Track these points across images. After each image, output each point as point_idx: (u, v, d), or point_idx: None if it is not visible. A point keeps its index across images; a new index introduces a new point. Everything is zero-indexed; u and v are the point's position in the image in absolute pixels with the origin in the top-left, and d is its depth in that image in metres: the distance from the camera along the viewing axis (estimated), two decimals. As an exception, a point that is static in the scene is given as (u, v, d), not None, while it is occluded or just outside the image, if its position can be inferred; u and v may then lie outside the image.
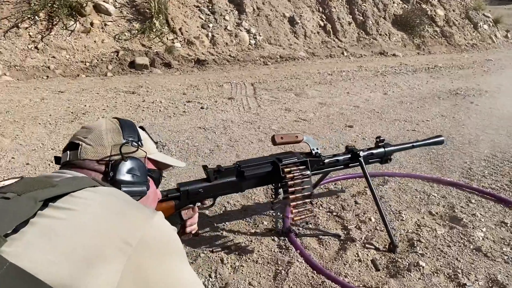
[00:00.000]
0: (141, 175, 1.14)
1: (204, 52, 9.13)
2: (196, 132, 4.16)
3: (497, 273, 1.94)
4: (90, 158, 1.08)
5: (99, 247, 0.76)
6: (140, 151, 1.17)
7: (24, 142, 3.64)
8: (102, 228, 0.80)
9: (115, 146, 1.11)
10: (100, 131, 1.12)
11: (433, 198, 2.73)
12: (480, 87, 7.03)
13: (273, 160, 2.02)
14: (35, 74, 7.23)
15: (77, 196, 0.86)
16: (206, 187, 1.84)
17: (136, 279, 0.79)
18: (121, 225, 0.82)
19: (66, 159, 1.10)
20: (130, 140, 1.14)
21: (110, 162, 1.09)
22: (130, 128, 1.19)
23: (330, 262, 2.02)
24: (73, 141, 1.12)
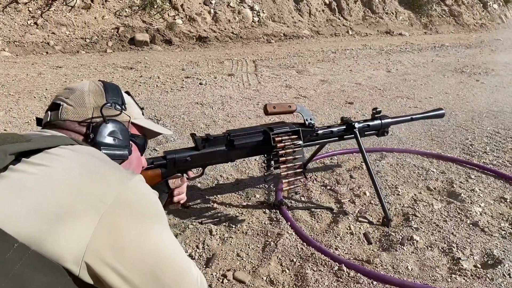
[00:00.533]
0: (123, 139, 1.10)
1: (206, 29, 9.00)
2: (193, 108, 4.09)
3: (493, 248, 1.88)
4: (71, 119, 1.04)
5: (71, 203, 0.73)
6: (124, 115, 1.12)
7: (17, 115, 3.59)
8: (75, 185, 0.76)
9: (97, 108, 1.06)
10: (82, 92, 1.08)
11: (431, 173, 2.66)
12: (487, 66, 6.88)
13: (264, 129, 1.95)
14: (34, 50, 7.16)
15: (52, 153, 0.82)
16: (194, 155, 1.78)
17: (110, 238, 0.75)
18: (96, 183, 0.79)
19: (47, 120, 1.06)
20: (113, 103, 1.10)
21: (91, 124, 1.05)
22: (114, 91, 1.14)
23: (321, 235, 1.97)
24: (55, 101, 1.08)
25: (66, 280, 0.71)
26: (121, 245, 0.76)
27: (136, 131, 1.19)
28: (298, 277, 1.67)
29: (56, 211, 0.71)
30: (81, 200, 0.74)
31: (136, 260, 0.79)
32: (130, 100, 1.21)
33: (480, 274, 1.71)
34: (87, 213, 0.73)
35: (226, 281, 1.65)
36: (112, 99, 1.10)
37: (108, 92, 1.11)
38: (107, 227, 0.75)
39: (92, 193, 0.76)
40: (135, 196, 0.83)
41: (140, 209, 0.82)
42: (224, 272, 1.70)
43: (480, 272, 1.72)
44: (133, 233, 0.79)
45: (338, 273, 1.68)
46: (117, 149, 1.07)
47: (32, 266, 0.67)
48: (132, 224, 0.79)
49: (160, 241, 0.84)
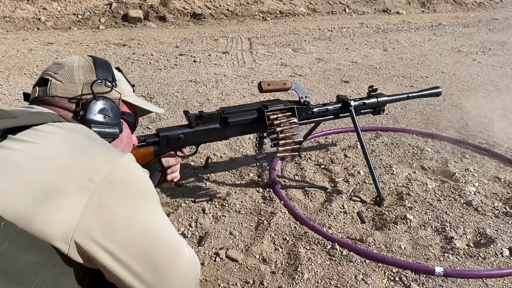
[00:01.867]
0: (113, 117, 1.07)
1: (200, 6, 8.83)
2: (187, 85, 4.03)
3: (486, 227, 1.88)
4: (59, 95, 1.01)
5: (59, 181, 0.71)
6: (114, 92, 1.09)
7: (7, 92, 3.53)
8: (63, 163, 0.74)
9: (87, 85, 1.03)
10: (71, 67, 1.04)
11: (426, 153, 2.65)
12: (484, 45, 6.82)
13: (258, 107, 1.92)
14: (25, 26, 7.01)
15: (39, 130, 0.79)
16: (187, 133, 1.75)
17: (100, 216, 0.74)
18: (85, 161, 0.77)
19: (34, 95, 1.03)
20: (103, 79, 1.06)
21: (81, 101, 1.02)
22: (105, 67, 1.10)
23: (314, 214, 1.96)
24: (43, 76, 1.04)
25: (55, 258, 0.71)
26: (111, 223, 0.75)
27: (127, 109, 1.16)
28: (291, 256, 1.66)
29: (43, 189, 0.69)
30: (69, 178, 0.73)
31: (126, 239, 0.77)
32: (121, 77, 1.18)
33: (473, 253, 1.71)
34: (75, 191, 0.72)
35: (218, 260, 1.64)
36: (102, 75, 1.07)
37: (98, 68, 1.07)
38: (96, 205, 0.73)
39: (81, 171, 0.74)
40: (125, 174, 0.81)
41: (130, 187, 0.81)
42: (217, 251, 1.69)
43: (473, 251, 1.72)
44: (123, 212, 0.77)
45: (331, 251, 1.68)
46: (108, 127, 1.05)
47: (19, 245, 0.66)
48: (122, 203, 0.78)
49: (151, 220, 0.82)
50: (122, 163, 0.81)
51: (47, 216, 0.68)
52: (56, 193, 0.70)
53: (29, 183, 0.69)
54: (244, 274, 1.58)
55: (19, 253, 0.66)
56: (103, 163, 0.78)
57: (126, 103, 1.16)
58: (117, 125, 1.08)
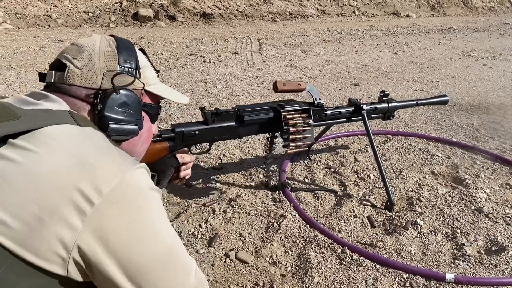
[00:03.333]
0: (134, 112, 0.98)
1: (210, 6, 8.85)
2: (197, 85, 4.05)
3: (497, 234, 1.87)
4: (77, 84, 0.92)
5: (55, 203, 0.67)
6: (137, 82, 1.00)
7: (19, 89, 3.55)
8: (61, 181, 0.69)
9: (108, 74, 0.94)
10: (92, 52, 0.94)
11: (436, 158, 2.64)
12: (495, 50, 6.78)
13: (274, 106, 1.92)
14: (36, 23, 7.06)
15: (43, 133, 0.74)
16: (203, 129, 1.74)
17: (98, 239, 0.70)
18: (86, 178, 0.71)
19: (50, 80, 0.94)
20: (127, 68, 0.97)
21: (100, 92, 0.94)
22: (128, 51, 0.99)
23: (324, 217, 1.96)
24: (61, 59, 0.94)
25: (54, 281, 0.68)
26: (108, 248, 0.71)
27: (149, 99, 1.07)
28: (301, 259, 1.66)
29: (39, 214, 0.66)
30: (66, 199, 0.68)
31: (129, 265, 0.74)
32: (145, 62, 1.06)
33: (484, 260, 1.70)
34: (72, 214, 0.68)
35: (228, 261, 1.64)
36: (125, 62, 0.97)
37: (121, 53, 0.97)
38: (94, 228, 0.69)
39: (80, 190, 0.69)
40: (128, 192, 0.75)
41: (131, 208, 0.75)
42: (227, 252, 1.69)
43: (484, 258, 1.71)
44: (122, 238, 0.73)
45: (341, 255, 1.68)
46: (127, 124, 0.97)
47: (17, 270, 0.64)
48: (121, 227, 0.73)
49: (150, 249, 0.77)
50: (127, 179, 0.75)
51: (42, 244, 0.65)
52: (52, 217, 0.66)
53: (24, 207, 0.65)
54: (254, 276, 1.58)
55: (16, 278, 0.64)
56: (105, 180, 0.73)
57: (148, 93, 1.06)
58: (138, 121, 1.00)
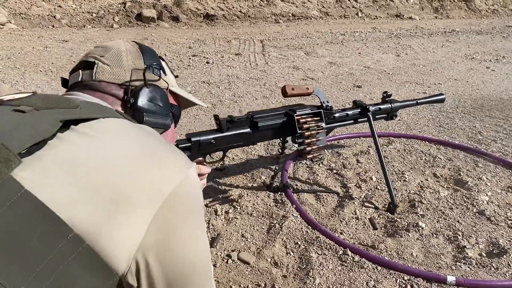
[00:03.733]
0: (164, 106, 0.99)
1: (213, 7, 8.87)
2: (200, 86, 4.06)
3: (499, 237, 1.87)
4: (106, 80, 0.92)
5: (129, 189, 0.63)
6: (162, 81, 1.01)
7: (23, 89, 3.57)
8: (135, 168, 0.65)
9: (136, 71, 0.95)
10: (119, 50, 0.96)
11: (438, 160, 2.64)
12: (498, 53, 6.77)
13: (286, 111, 1.93)
14: (41, 23, 7.10)
15: (104, 124, 0.70)
16: (218, 138, 1.75)
17: (160, 234, 0.66)
18: (157, 169, 0.68)
19: (77, 79, 0.93)
20: (153, 66, 0.99)
21: (130, 87, 0.94)
22: (152, 54, 1.02)
23: (326, 219, 1.97)
24: (87, 59, 0.95)
25: (109, 283, 0.62)
26: (167, 245, 0.68)
27: (173, 101, 1.08)
28: (302, 260, 1.67)
29: (115, 198, 0.61)
30: (140, 187, 0.64)
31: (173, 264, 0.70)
32: (166, 66, 1.09)
33: (485, 263, 1.70)
34: (145, 204, 0.64)
35: (230, 262, 1.65)
36: (150, 61, 0.99)
37: (146, 54, 0.99)
38: (160, 222, 0.65)
39: (152, 180, 0.66)
40: (190, 188, 0.72)
41: (191, 204, 0.73)
42: (229, 253, 1.70)
43: (485, 261, 1.71)
44: (181, 235, 0.70)
45: (342, 257, 1.68)
46: (160, 117, 0.97)
47: (83, 263, 0.58)
48: (182, 222, 0.70)
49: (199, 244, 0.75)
50: (190, 175, 0.72)
51: (115, 232, 0.60)
52: (126, 204, 0.61)
53: (99, 189, 0.60)
54: (256, 277, 1.58)
55: (80, 272, 0.58)
56: (174, 174, 0.70)
57: (171, 94, 1.08)
58: (168, 115, 1.00)
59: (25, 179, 0.55)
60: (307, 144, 1.91)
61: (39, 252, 0.54)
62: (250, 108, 3.54)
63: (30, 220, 0.54)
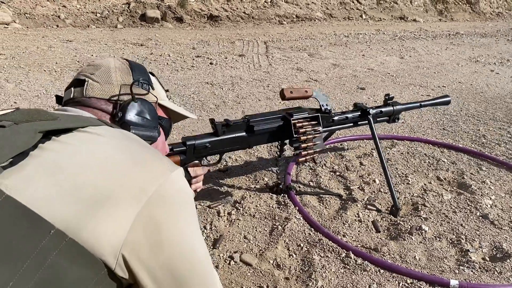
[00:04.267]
0: (151, 119, 1.04)
1: (218, 8, 8.88)
2: (203, 87, 4.06)
3: (502, 241, 1.86)
4: (96, 96, 0.97)
5: (111, 188, 0.67)
6: (151, 95, 1.07)
7: (27, 88, 3.58)
8: (116, 169, 0.69)
9: (124, 86, 1.00)
10: (108, 68, 1.02)
11: (442, 163, 2.63)
12: (502, 56, 6.75)
13: (283, 115, 1.92)
14: (45, 23, 7.12)
15: (87, 132, 0.75)
16: (214, 141, 1.75)
17: (148, 231, 0.69)
18: (139, 170, 0.72)
19: (69, 97, 0.99)
20: (141, 81, 1.04)
21: (119, 102, 0.99)
22: (141, 70, 1.08)
23: (329, 221, 1.96)
24: (78, 77, 1.00)
25: (101, 274, 0.66)
26: (158, 242, 0.71)
27: (162, 113, 1.13)
28: (305, 262, 1.66)
29: (95, 196, 0.65)
30: (122, 186, 0.68)
31: (169, 261, 0.73)
32: (155, 81, 1.15)
33: (489, 267, 1.69)
34: (127, 201, 0.67)
35: (233, 263, 1.65)
36: (139, 77, 1.04)
37: (134, 70, 1.05)
38: (146, 219, 0.69)
39: (134, 180, 0.70)
40: (175, 190, 0.76)
41: (179, 205, 0.76)
42: (231, 254, 1.69)
43: (489, 265, 1.70)
44: (171, 228, 0.73)
45: (345, 260, 1.68)
46: (147, 130, 1.01)
47: (69, 256, 0.61)
48: (170, 219, 0.73)
49: (194, 245, 0.78)
50: (174, 177, 0.76)
51: (97, 226, 0.63)
52: (108, 200, 0.65)
53: (79, 188, 0.64)
54: (258, 278, 1.58)
55: (67, 265, 0.61)
56: (156, 175, 0.74)
57: (161, 107, 1.13)
58: (155, 128, 1.04)
59: (7, 186, 0.60)
60: (303, 148, 1.89)
61: (25, 250, 0.58)
62: (254, 110, 3.54)
63: (13, 222, 0.58)
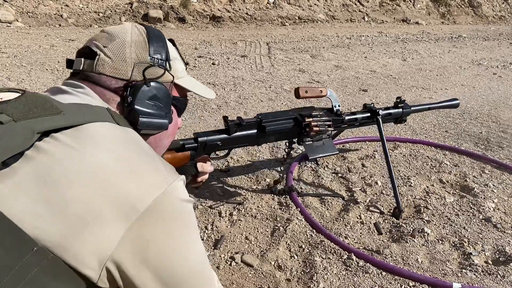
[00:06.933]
0: (164, 105, 0.97)
1: (220, 9, 8.88)
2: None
3: (505, 245, 1.85)
4: (107, 74, 0.90)
5: (100, 206, 0.65)
6: (167, 75, 0.98)
7: (29, 87, 3.58)
8: (109, 185, 0.67)
9: (138, 65, 0.92)
10: (123, 41, 0.92)
11: (445, 166, 2.62)
12: (505, 59, 6.73)
13: (295, 115, 1.92)
14: (47, 22, 7.12)
15: (86, 132, 0.71)
16: (225, 139, 1.75)
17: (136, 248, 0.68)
18: (132, 186, 0.69)
19: (79, 67, 0.91)
20: (157, 60, 0.95)
21: (130, 84, 0.91)
22: (159, 42, 0.98)
23: (330, 222, 1.95)
24: (91, 46, 0.92)
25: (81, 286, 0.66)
26: (146, 258, 0.70)
27: (177, 93, 1.05)
28: (306, 264, 1.65)
29: (83, 214, 0.63)
30: (111, 203, 0.66)
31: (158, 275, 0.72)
32: (175, 54, 1.05)
33: (491, 270, 1.68)
34: (117, 219, 0.66)
35: (234, 264, 1.64)
36: (155, 53, 0.95)
37: (152, 44, 0.95)
38: (134, 237, 0.68)
39: (127, 196, 0.68)
40: (170, 204, 0.74)
41: (173, 219, 0.74)
42: (232, 255, 1.68)
43: (491, 269, 1.69)
44: (160, 246, 0.72)
45: (347, 262, 1.67)
46: (157, 118, 0.95)
47: (49, 272, 0.61)
48: (161, 236, 0.72)
49: (187, 260, 0.77)
50: (170, 191, 0.73)
51: (82, 246, 0.63)
52: (95, 219, 0.64)
53: (68, 204, 0.63)
54: (259, 280, 1.57)
55: (47, 280, 0.61)
56: (151, 189, 0.71)
57: (176, 86, 1.04)
58: (167, 115, 0.98)
59: None
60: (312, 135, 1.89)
61: (5, 264, 0.57)
62: (256, 110, 3.53)
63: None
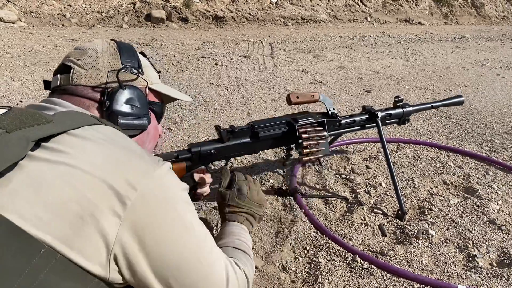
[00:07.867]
0: (141, 107, 1.01)
1: (223, 9, 8.88)
2: (208, 88, 4.06)
3: (510, 247, 1.84)
4: (83, 84, 0.95)
5: (94, 203, 0.68)
6: (141, 80, 1.03)
7: (33, 87, 3.59)
8: (98, 181, 0.70)
9: (112, 72, 0.97)
10: (95, 53, 0.98)
11: (448, 167, 2.61)
12: (508, 60, 6.72)
13: (288, 120, 1.92)
14: (51, 21, 7.14)
15: (74, 135, 0.75)
16: (219, 148, 1.75)
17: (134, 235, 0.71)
18: (120, 175, 0.72)
19: (56, 84, 0.96)
20: (129, 66, 1.00)
21: (106, 90, 0.96)
22: (130, 52, 1.04)
23: (335, 224, 1.95)
24: (65, 63, 0.98)
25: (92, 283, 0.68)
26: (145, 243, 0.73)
27: (153, 97, 1.10)
28: (311, 265, 1.65)
29: (80, 213, 0.66)
30: (104, 198, 0.69)
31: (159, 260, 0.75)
32: (146, 63, 1.11)
33: (496, 272, 1.68)
34: (110, 212, 0.69)
35: (238, 265, 1.64)
36: (127, 61, 1.01)
37: (123, 54, 1.02)
38: (130, 225, 0.71)
39: (115, 189, 0.70)
40: (159, 189, 0.77)
41: (164, 202, 0.77)
42: (237, 256, 1.68)
43: (496, 271, 1.69)
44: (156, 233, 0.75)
45: (351, 263, 1.67)
46: (136, 119, 0.99)
47: (59, 272, 0.63)
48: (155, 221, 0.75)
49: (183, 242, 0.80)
50: (157, 176, 0.77)
51: (85, 242, 0.66)
52: (92, 216, 0.67)
53: (64, 206, 0.66)
54: (264, 281, 1.57)
55: (58, 281, 0.63)
56: (138, 177, 0.74)
57: (152, 91, 1.10)
58: (145, 116, 1.02)
59: None
60: (305, 154, 1.88)
61: (16, 268, 0.59)
62: (259, 111, 3.53)
63: (3, 240, 0.59)
